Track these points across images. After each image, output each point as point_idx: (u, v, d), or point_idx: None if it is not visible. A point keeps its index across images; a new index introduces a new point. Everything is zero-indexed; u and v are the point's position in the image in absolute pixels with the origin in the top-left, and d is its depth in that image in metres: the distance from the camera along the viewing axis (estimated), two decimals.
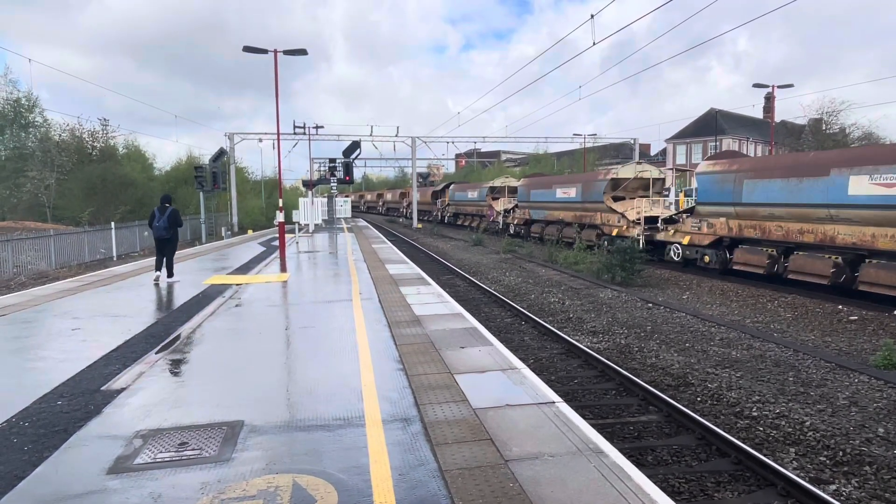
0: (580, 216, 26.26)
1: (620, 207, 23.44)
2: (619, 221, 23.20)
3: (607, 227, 24.11)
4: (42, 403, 5.21)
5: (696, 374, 8.85)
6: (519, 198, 33.36)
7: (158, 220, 12.74)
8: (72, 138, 38.22)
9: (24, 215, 32.46)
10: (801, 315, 12.98)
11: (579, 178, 28.39)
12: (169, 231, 12.76)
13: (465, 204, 45.36)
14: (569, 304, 14.62)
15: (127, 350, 7.03)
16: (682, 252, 19.07)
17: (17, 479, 3.80)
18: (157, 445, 4.27)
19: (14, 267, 18.43)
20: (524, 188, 32.60)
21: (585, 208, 25.75)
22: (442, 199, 52.65)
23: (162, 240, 12.86)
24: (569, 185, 27.52)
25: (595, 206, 24.81)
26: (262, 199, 51.84)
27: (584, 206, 25.72)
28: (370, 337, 7.53)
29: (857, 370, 8.80)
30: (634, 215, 22.20)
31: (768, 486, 5.44)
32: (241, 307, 9.80)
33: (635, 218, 21.96)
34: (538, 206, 30.78)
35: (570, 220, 27.02)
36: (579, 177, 29.03)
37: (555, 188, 28.58)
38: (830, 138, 40.84)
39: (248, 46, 19.00)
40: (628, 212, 22.89)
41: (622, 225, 22.94)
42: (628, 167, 25.10)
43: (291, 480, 3.71)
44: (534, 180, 33.04)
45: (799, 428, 6.78)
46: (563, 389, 8.07)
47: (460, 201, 46.54)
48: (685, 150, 59.11)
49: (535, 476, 3.77)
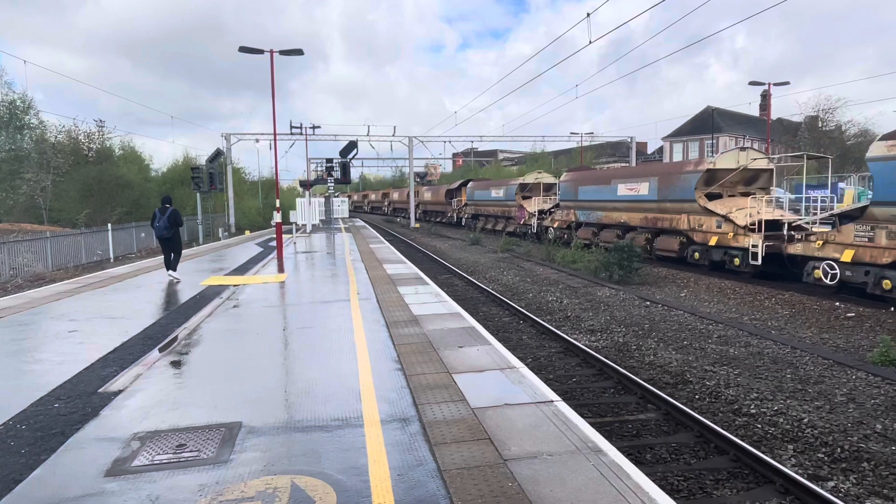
0: (654, 219, 20.77)
1: (721, 208, 17.82)
2: (721, 227, 17.67)
3: (699, 233, 18.62)
4: (39, 406, 5.19)
5: (695, 371, 8.86)
6: (561, 196, 27.92)
7: (159, 220, 13.21)
8: (68, 140, 38.16)
9: (21, 217, 32.39)
10: (798, 312, 13.01)
11: (654, 169, 22.89)
12: (169, 231, 13.22)
13: (488, 204, 39.79)
14: (567, 302, 14.63)
15: (124, 352, 7.01)
16: (840, 271, 13.80)
17: (14, 482, 3.79)
18: (155, 447, 4.26)
19: (10, 269, 18.38)
20: (569, 184, 27.10)
21: (664, 209, 20.16)
22: (458, 199, 47.02)
23: (163, 239, 13.35)
24: (637, 179, 21.83)
25: (679, 205, 19.32)
26: (259, 199, 51.81)
27: (663, 207, 20.19)
28: (368, 337, 7.53)
29: (854, 367, 8.82)
30: (745, 219, 16.72)
31: (767, 484, 5.45)
32: (238, 308, 9.79)
33: (748, 223, 16.56)
34: (589, 205, 25.35)
35: (638, 223, 21.74)
36: (653, 168, 23.63)
37: (615, 184, 23.07)
38: (827, 136, 40.94)
39: (244, 47, 18.96)
40: (734, 214, 17.15)
41: (726, 231, 17.43)
42: (729, 155, 18.91)
43: (290, 482, 3.71)
44: (583, 174, 27.42)
45: (797, 425, 6.79)
46: (562, 388, 8.07)
47: (481, 201, 40.96)
48: (682, 149, 59.22)
49: (534, 475, 3.77)
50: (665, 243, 20.24)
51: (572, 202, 26.84)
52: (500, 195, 37.01)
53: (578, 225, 26.59)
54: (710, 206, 18.14)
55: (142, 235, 28.26)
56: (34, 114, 37.81)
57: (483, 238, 33.13)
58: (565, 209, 27.82)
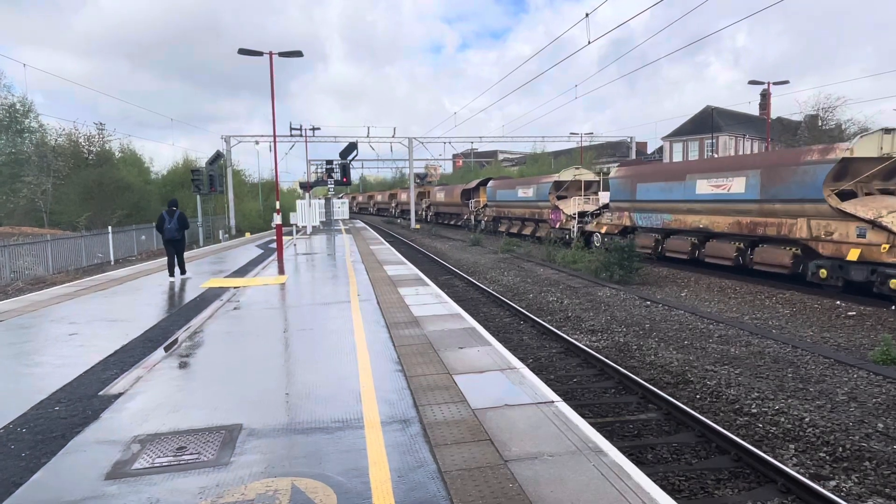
0: (752, 225, 16.28)
1: (864, 210, 13.27)
2: (866, 236, 13.19)
3: (826, 243, 14.16)
4: (39, 409, 5.19)
5: (695, 371, 8.85)
6: (612, 195, 23.70)
7: (169, 222, 13.75)
8: (68, 143, 38.18)
9: (21, 220, 32.40)
10: (799, 311, 12.99)
11: (752, 161, 17.25)
12: (180, 232, 13.89)
13: (513, 205, 34.98)
14: (567, 302, 14.62)
15: (124, 354, 7.01)
16: None
17: (14, 485, 3.79)
18: (156, 450, 4.26)
19: (11, 272, 18.38)
20: (623, 181, 22.64)
21: (769, 211, 15.76)
22: (476, 200, 42.60)
23: (174, 241, 13.94)
24: (726, 173, 17.19)
25: (794, 207, 14.90)
26: (259, 201, 51.84)
27: (767, 209, 15.78)
28: (368, 338, 7.52)
29: (855, 366, 8.81)
30: None
31: (768, 483, 5.44)
32: (239, 310, 9.78)
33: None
34: (651, 207, 20.93)
35: (726, 229, 17.26)
36: (752, 159, 17.62)
37: (691, 179, 18.61)
38: (826, 134, 40.97)
39: (243, 49, 18.97)
40: (887, 219, 12.76)
41: (876, 242, 12.94)
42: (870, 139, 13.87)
43: (290, 484, 3.70)
44: (644, 170, 23.06)
45: (798, 424, 6.78)
46: (563, 388, 8.06)
47: (504, 202, 36.26)
48: (682, 148, 59.19)
49: (534, 476, 3.77)
50: (769, 255, 15.80)
51: (627, 203, 22.36)
52: (528, 195, 32.24)
53: (634, 230, 22.35)
54: (845, 208, 13.59)
55: (142, 238, 28.24)
56: (34, 117, 37.85)
57: (483, 239, 33.05)
58: (617, 211, 23.30)
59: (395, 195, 72.87)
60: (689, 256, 18.96)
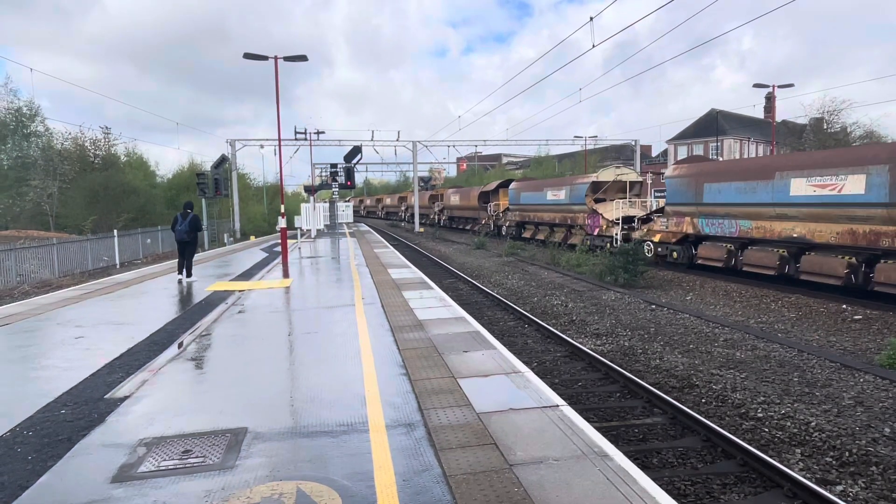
0: (875, 235, 13.18)
1: None
2: None
3: None
4: (46, 412, 5.21)
5: (701, 375, 8.82)
6: (670, 197, 20.32)
7: (180, 224, 13.98)
8: (74, 147, 38.39)
9: (27, 224, 32.57)
10: (805, 315, 12.94)
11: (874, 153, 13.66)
12: (190, 234, 14.05)
13: (540, 209, 31.56)
14: (572, 306, 14.60)
15: (130, 358, 7.03)
16: None
17: (21, 488, 3.80)
18: (161, 453, 4.27)
19: (17, 276, 18.47)
20: (686, 181, 19.38)
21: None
22: (495, 203, 39.31)
23: (183, 242, 14.14)
24: (837, 169, 14.03)
25: None
26: (264, 205, 51.96)
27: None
28: (373, 342, 7.52)
29: (862, 370, 8.77)
30: None
31: (774, 488, 5.42)
32: (244, 313, 9.81)
33: None
34: (724, 211, 17.61)
35: (832, 240, 14.21)
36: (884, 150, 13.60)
37: (784, 178, 15.44)
38: (832, 137, 40.87)
39: (249, 53, 19.05)
40: None
41: None
42: None
43: (295, 487, 3.71)
44: (713, 167, 19.54)
45: (804, 428, 6.75)
46: (567, 392, 8.04)
47: (530, 205, 32.92)
48: (686, 152, 59.09)
49: (539, 480, 3.76)
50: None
51: (690, 206, 19.14)
52: (559, 198, 29.04)
53: (698, 239, 19.14)
54: None
55: (147, 241, 28.35)
56: (40, 121, 38.08)
57: (487, 242, 33.02)
58: (675, 216, 20.04)
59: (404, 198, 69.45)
60: (776, 272, 15.59)
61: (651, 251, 21.10)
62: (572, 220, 28.19)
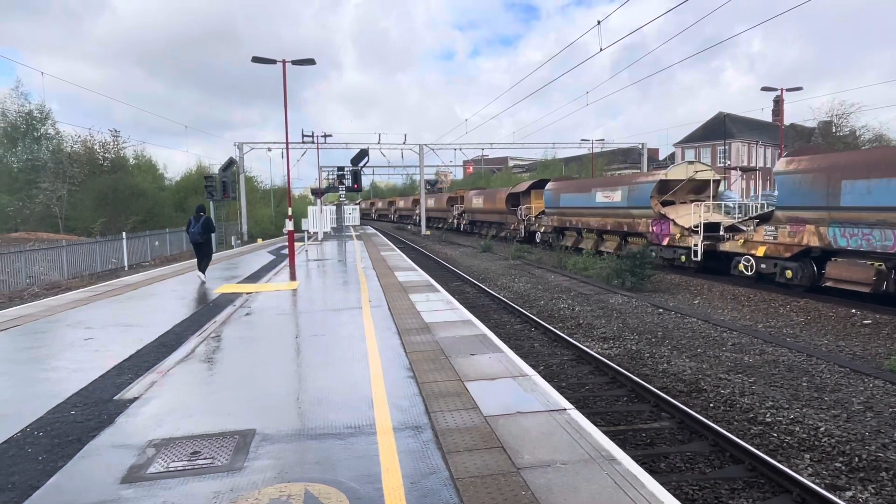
0: None
1: None
2: None
3: None
4: (56, 413, 5.25)
5: (709, 379, 8.78)
6: (782, 199, 15.87)
7: (193, 226, 14.26)
8: (83, 150, 38.71)
9: (37, 226, 32.84)
10: (813, 319, 12.86)
11: None
12: (202, 236, 14.33)
13: (586, 213, 26.39)
14: (579, 309, 14.57)
15: (139, 359, 7.07)
16: None
17: (31, 488, 3.83)
18: (170, 454, 4.29)
19: (27, 277, 18.62)
20: (807, 178, 14.80)
21: None
22: (527, 206, 34.53)
23: (196, 244, 14.51)
24: None
25: None
26: (271, 207, 52.17)
27: None
28: (380, 345, 7.54)
29: (871, 375, 8.71)
30: None
31: (783, 493, 5.39)
32: (251, 316, 9.84)
33: None
34: (875, 217, 12.99)
35: None
36: None
37: None
38: (840, 141, 40.66)
39: (257, 57, 19.15)
40: None
41: None
42: None
43: (303, 489, 3.72)
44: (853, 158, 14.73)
45: (813, 434, 6.71)
46: (575, 396, 8.03)
47: (572, 209, 27.81)
48: (694, 155, 58.91)
49: (547, 484, 3.75)
50: None
51: (818, 211, 14.48)
52: (614, 199, 24.19)
53: (825, 254, 14.63)
54: None
55: (156, 244, 28.52)
56: (51, 124, 38.43)
57: (494, 245, 33.00)
58: (790, 224, 15.45)
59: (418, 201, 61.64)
60: None
61: (751, 268, 16.82)
62: (630, 227, 23.07)
